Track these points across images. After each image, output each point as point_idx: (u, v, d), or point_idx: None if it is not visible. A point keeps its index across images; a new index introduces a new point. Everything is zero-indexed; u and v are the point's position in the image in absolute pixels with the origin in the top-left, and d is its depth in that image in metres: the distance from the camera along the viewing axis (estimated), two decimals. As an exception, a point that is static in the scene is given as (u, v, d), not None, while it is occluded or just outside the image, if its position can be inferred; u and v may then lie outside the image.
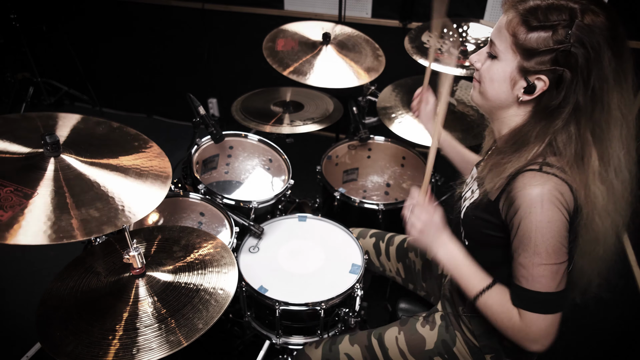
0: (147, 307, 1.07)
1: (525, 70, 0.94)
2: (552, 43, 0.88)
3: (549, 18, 0.88)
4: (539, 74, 0.93)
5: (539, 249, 0.92)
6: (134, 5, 3.36)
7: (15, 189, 0.98)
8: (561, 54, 0.88)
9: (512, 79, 0.97)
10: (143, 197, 1.09)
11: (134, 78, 3.78)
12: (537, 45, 0.90)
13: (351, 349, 1.33)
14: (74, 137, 1.19)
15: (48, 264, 2.36)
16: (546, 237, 0.92)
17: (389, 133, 2.07)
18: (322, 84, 1.97)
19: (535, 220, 0.91)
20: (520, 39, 0.92)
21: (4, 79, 3.73)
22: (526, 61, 0.93)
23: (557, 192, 0.91)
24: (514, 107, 1.02)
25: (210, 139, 1.83)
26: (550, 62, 0.90)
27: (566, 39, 0.87)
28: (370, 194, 2.16)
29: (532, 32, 0.90)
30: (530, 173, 0.94)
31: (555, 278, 0.94)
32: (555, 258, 0.93)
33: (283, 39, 2.14)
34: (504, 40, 0.95)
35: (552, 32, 0.88)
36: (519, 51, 0.94)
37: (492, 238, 1.06)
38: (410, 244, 1.53)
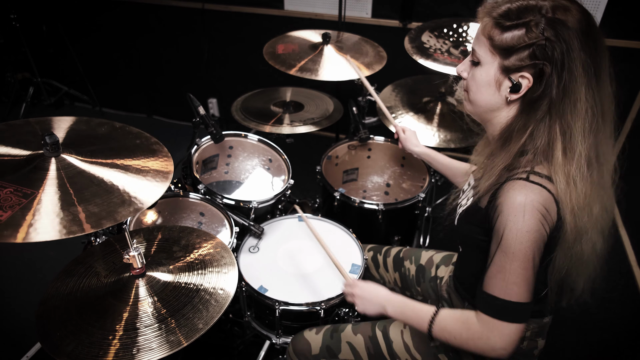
0: (147, 307, 1.07)
1: (507, 69, 0.97)
2: (527, 39, 0.92)
3: (521, 17, 0.92)
4: (521, 71, 0.95)
5: (515, 256, 0.95)
6: (134, 5, 3.36)
7: (15, 190, 0.98)
8: (537, 49, 0.92)
9: (497, 80, 1.00)
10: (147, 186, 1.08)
11: (134, 78, 3.78)
12: (512, 43, 0.94)
13: (354, 338, 1.32)
14: (75, 137, 1.19)
15: (48, 264, 2.36)
16: (523, 245, 0.94)
17: (389, 133, 2.07)
18: (334, 77, 1.97)
19: (515, 228, 0.94)
20: (497, 40, 0.96)
21: (4, 79, 3.73)
22: (505, 60, 0.96)
23: (541, 206, 0.93)
24: (504, 109, 1.04)
25: (210, 139, 1.83)
26: (529, 58, 0.93)
27: (540, 33, 0.90)
28: (370, 194, 2.16)
29: (507, 32, 0.94)
30: (518, 182, 0.95)
31: (527, 288, 0.97)
32: (528, 267, 0.95)
33: (282, 44, 2.15)
34: (482, 45, 0.99)
35: (525, 29, 0.92)
36: (497, 52, 0.97)
37: (484, 243, 1.07)
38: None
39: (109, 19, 3.55)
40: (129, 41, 3.59)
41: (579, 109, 0.92)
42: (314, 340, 1.34)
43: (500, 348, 0.99)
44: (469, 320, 1.04)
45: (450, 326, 1.07)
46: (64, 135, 1.19)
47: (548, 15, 0.90)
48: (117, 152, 1.16)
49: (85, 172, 1.06)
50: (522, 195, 0.93)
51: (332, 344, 1.32)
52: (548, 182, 0.95)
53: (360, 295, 1.24)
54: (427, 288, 1.50)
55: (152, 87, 3.77)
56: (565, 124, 0.94)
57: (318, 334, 1.36)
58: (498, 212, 0.97)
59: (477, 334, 1.01)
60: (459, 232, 1.19)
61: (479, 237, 1.08)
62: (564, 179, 0.94)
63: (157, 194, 1.07)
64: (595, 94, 0.93)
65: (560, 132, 0.94)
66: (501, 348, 0.99)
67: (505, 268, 0.96)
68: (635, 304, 2.25)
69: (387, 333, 1.31)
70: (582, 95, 0.92)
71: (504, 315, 0.98)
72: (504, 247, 0.96)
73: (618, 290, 2.30)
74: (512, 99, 1.00)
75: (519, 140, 0.98)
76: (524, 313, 0.98)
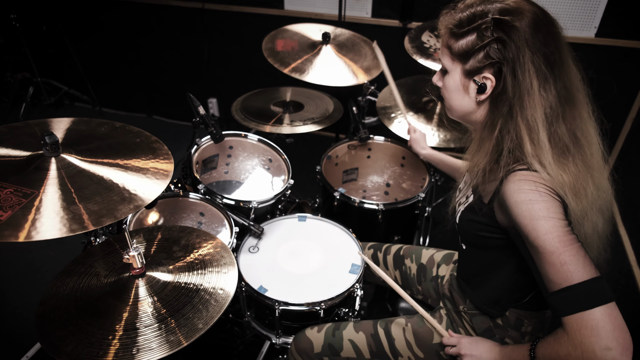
0: (147, 307, 1.07)
1: (469, 72, 1.03)
2: (480, 42, 0.98)
3: (471, 23, 0.99)
4: (482, 72, 1.01)
5: (547, 237, 0.89)
6: (135, 5, 3.36)
7: (15, 190, 0.98)
8: (490, 49, 0.97)
9: (463, 84, 1.06)
10: (147, 184, 1.09)
11: (134, 78, 3.78)
12: (467, 47, 1.01)
13: (356, 336, 1.32)
14: (74, 137, 1.19)
15: (48, 264, 2.36)
16: (552, 234, 0.89)
17: (389, 133, 2.07)
18: (324, 81, 1.98)
19: (534, 215, 0.91)
20: (454, 48, 1.03)
21: (4, 79, 3.73)
22: (465, 64, 1.03)
23: (548, 187, 0.94)
24: (477, 110, 1.08)
25: (210, 139, 1.83)
26: (484, 58, 0.99)
27: (490, 34, 0.96)
28: (370, 194, 2.16)
29: (461, 39, 1.02)
30: (519, 173, 0.96)
31: (580, 263, 0.87)
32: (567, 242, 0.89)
33: (282, 40, 2.14)
34: (445, 55, 1.07)
35: (477, 34, 0.99)
36: (457, 58, 1.04)
37: (488, 240, 1.08)
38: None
39: (109, 19, 3.55)
40: (129, 41, 3.59)
41: (534, 101, 0.96)
42: (316, 339, 1.35)
43: (602, 348, 0.82)
44: (558, 333, 0.92)
45: (549, 350, 0.94)
46: (64, 135, 1.19)
47: (495, 17, 0.96)
48: (117, 151, 1.16)
49: (85, 171, 1.06)
50: (527, 185, 0.94)
51: (334, 341, 1.32)
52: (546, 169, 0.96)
53: (470, 355, 1.14)
54: (428, 287, 1.50)
55: (152, 87, 3.77)
56: (526, 117, 0.97)
57: (320, 332, 1.36)
58: (514, 215, 0.94)
59: (570, 344, 0.87)
60: (461, 230, 1.19)
61: (482, 234, 1.08)
62: (541, 167, 0.96)
63: (157, 191, 1.07)
64: (552, 84, 0.96)
65: (524, 125, 0.97)
66: (604, 347, 0.82)
67: (553, 262, 0.89)
68: (635, 304, 2.25)
69: (389, 331, 1.31)
70: (534, 88, 0.95)
71: (578, 304, 0.86)
72: (540, 249, 0.91)
73: (618, 290, 2.30)
74: (481, 100, 1.04)
75: (490, 137, 1.03)
76: (599, 290, 0.85)
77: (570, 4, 2.55)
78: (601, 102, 1.09)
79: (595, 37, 2.61)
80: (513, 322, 1.18)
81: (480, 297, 1.20)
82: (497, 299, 1.17)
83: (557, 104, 0.97)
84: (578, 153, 1.00)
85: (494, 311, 1.19)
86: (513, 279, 1.11)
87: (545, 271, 0.91)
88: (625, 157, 2.79)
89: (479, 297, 1.21)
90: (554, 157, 0.97)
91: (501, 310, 1.18)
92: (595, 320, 0.84)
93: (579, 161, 0.99)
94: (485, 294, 1.19)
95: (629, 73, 2.66)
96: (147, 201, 1.04)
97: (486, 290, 1.19)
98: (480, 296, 1.21)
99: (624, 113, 2.77)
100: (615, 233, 2.62)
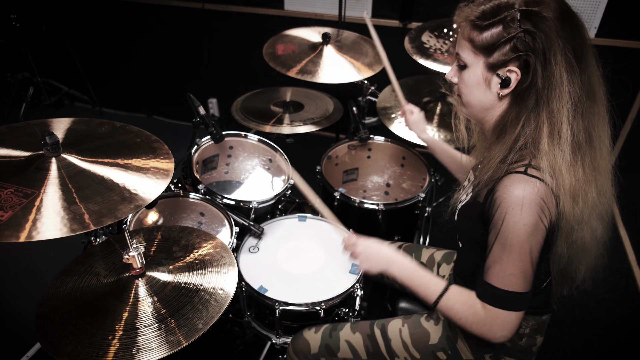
0: (146, 307, 1.07)
1: (492, 66, 1.00)
2: (506, 34, 0.95)
3: (496, 15, 0.96)
4: (507, 65, 0.98)
5: (513, 248, 0.96)
6: (134, 5, 3.36)
7: (15, 190, 0.98)
8: (518, 41, 0.94)
9: (485, 78, 1.02)
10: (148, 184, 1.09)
11: (134, 78, 3.78)
12: (492, 40, 0.97)
13: (352, 337, 1.32)
14: (75, 137, 1.19)
15: (48, 264, 2.36)
16: (521, 238, 0.95)
17: (389, 133, 2.07)
18: (333, 80, 1.97)
19: (512, 221, 0.95)
20: (477, 41, 0.99)
21: (4, 79, 3.73)
22: (489, 57, 0.99)
23: (539, 199, 0.94)
24: (497, 105, 1.06)
25: (210, 139, 1.83)
26: (511, 51, 0.96)
27: (517, 26, 0.94)
28: (370, 194, 2.16)
29: (485, 31, 0.98)
30: (515, 175, 0.96)
31: (524, 279, 0.99)
32: (526, 260, 0.97)
33: (282, 44, 2.15)
34: (465, 48, 1.03)
35: (502, 26, 0.95)
36: (479, 52, 1.00)
37: (483, 238, 1.08)
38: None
39: (109, 19, 3.55)
40: (129, 41, 3.59)
41: (562, 93, 0.94)
42: (313, 340, 1.35)
43: (501, 335, 1.04)
44: (476, 306, 1.06)
45: (457, 306, 1.09)
46: (64, 135, 1.19)
47: (522, 9, 0.93)
48: (118, 151, 1.17)
49: (85, 171, 1.06)
50: (520, 189, 0.94)
51: (331, 342, 1.32)
52: (548, 176, 0.95)
53: (364, 252, 1.23)
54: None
55: (152, 87, 3.77)
56: (551, 110, 0.96)
57: (317, 333, 1.36)
58: (496, 206, 0.98)
59: (481, 320, 1.04)
60: (458, 227, 1.19)
61: (477, 232, 1.09)
62: (550, 166, 0.95)
63: (158, 191, 1.07)
64: (578, 77, 0.95)
65: (547, 119, 0.96)
66: (502, 335, 1.04)
67: (503, 259, 0.99)
68: (635, 304, 2.25)
69: (386, 331, 1.31)
70: (564, 80, 0.93)
71: (504, 305, 1.01)
72: (501, 240, 0.98)
73: (618, 290, 2.30)
74: (503, 94, 1.02)
75: (513, 131, 1.00)
76: (522, 302, 1.01)
77: (570, 4, 2.54)
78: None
79: (595, 37, 2.61)
80: None
81: None
82: None
83: (580, 98, 0.95)
84: (589, 152, 0.99)
85: None
86: None
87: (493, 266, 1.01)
88: (625, 157, 2.79)
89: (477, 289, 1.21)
90: (562, 155, 0.95)
91: None
92: (510, 318, 1.02)
93: (587, 161, 0.99)
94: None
95: (629, 73, 2.66)
96: (148, 201, 1.04)
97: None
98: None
99: (624, 113, 2.77)
100: (615, 233, 2.62)
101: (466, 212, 1.13)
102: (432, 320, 1.31)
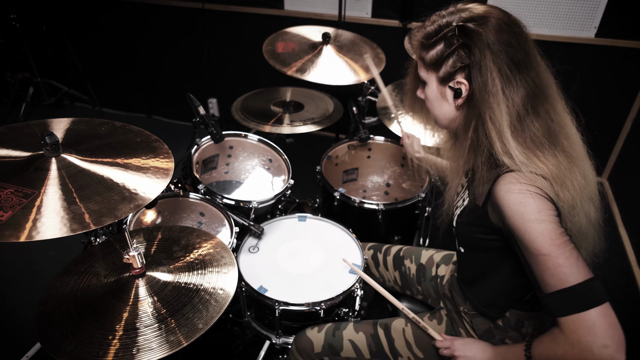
0: (147, 307, 1.07)
1: (443, 79, 1.08)
2: (448, 49, 1.03)
3: (437, 34, 1.05)
4: (454, 77, 1.05)
5: (548, 250, 0.90)
6: (134, 5, 3.36)
7: (15, 190, 0.98)
8: (458, 55, 1.02)
9: (440, 92, 1.10)
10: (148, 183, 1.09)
11: (134, 78, 3.78)
12: (437, 56, 1.06)
13: (355, 336, 1.33)
14: (74, 137, 1.19)
15: (48, 264, 2.36)
16: (546, 236, 0.91)
17: (389, 133, 2.07)
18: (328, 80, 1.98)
19: (526, 218, 0.92)
20: (426, 59, 1.09)
21: (4, 79, 3.73)
22: (438, 72, 1.08)
23: (535, 187, 0.94)
24: (458, 115, 1.11)
25: (210, 139, 1.83)
26: (454, 64, 1.04)
27: (456, 41, 1.02)
28: (370, 194, 2.16)
29: (431, 49, 1.07)
30: (509, 175, 0.97)
31: (574, 265, 0.89)
32: (561, 245, 0.90)
33: (282, 42, 2.15)
34: (420, 67, 1.13)
35: (444, 42, 1.04)
36: (430, 68, 1.09)
37: (485, 242, 1.08)
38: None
39: (109, 19, 3.55)
40: (129, 41, 3.59)
41: (500, 100, 0.98)
42: (316, 339, 1.35)
43: (599, 346, 0.85)
44: (554, 333, 0.94)
45: (545, 350, 0.97)
46: (64, 135, 1.19)
47: (459, 24, 1.01)
48: (118, 151, 1.16)
49: (85, 171, 1.06)
50: (517, 186, 0.95)
51: (334, 341, 1.33)
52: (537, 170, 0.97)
53: (464, 355, 1.15)
54: (427, 287, 1.50)
55: (152, 87, 3.77)
56: (492, 116, 0.99)
57: (320, 332, 1.36)
58: (502, 210, 0.96)
59: (567, 343, 0.89)
60: (458, 233, 1.20)
61: (479, 237, 1.09)
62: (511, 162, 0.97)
63: (158, 190, 1.07)
64: (519, 81, 0.98)
65: (492, 124, 0.99)
66: (601, 345, 0.85)
67: (547, 265, 0.91)
68: (635, 304, 2.25)
69: (389, 331, 1.31)
70: (498, 87, 0.97)
71: (575, 305, 0.88)
72: (534, 251, 0.92)
73: (618, 290, 2.30)
74: (459, 104, 1.08)
75: (466, 136, 1.06)
76: (594, 292, 0.88)
77: (570, 4, 2.55)
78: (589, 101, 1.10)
79: (595, 37, 2.61)
80: (513, 323, 1.18)
81: (479, 299, 1.21)
82: (495, 301, 1.18)
83: (526, 100, 0.99)
84: (557, 144, 1.01)
85: (492, 313, 1.19)
86: (512, 281, 1.12)
87: (540, 273, 0.92)
88: (625, 157, 2.79)
89: (477, 299, 1.21)
90: (524, 152, 0.98)
91: (499, 312, 1.18)
92: (591, 320, 0.86)
93: (559, 152, 1.00)
94: (483, 296, 1.20)
95: (629, 73, 2.66)
96: (148, 200, 1.04)
97: (485, 292, 1.19)
98: (478, 298, 1.21)
99: (624, 113, 2.77)
100: (615, 233, 2.62)
101: (465, 218, 1.13)
102: (435, 320, 1.32)
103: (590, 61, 2.69)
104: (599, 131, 2.44)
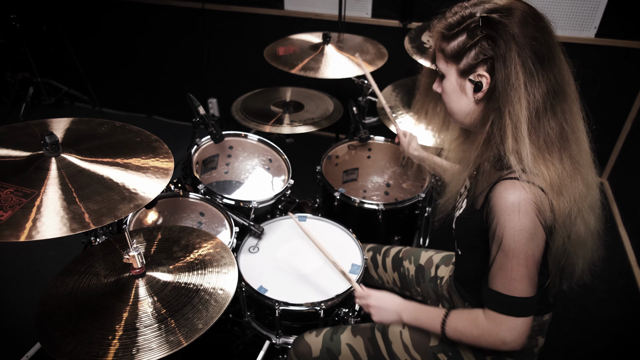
0: (147, 307, 1.07)
1: (463, 72, 1.05)
2: (471, 41, 1.01)
3: (460, 24, 1.02)
4: (475, 70, 1.02)
5: (514, 254, 0.98)
6: (134, 5, 3.36)
7: (15, 190, 0.98)
8: (482, 47, 1.00)
9: (460, 85, 1.07)
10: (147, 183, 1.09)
11: (134, 78, 3.78)
12: (459, 47, 1.03)
13: (353, 340, 1.33)
14: (74, 137, 1.19)
15: (48, 264, 2.36)
16: (521, 243, 0.97)
17: (389, 133, 2.07)
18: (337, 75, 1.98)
19: (510, 227, 0.97)
20: (447, 51, 1.06)
21: (4, 79, 3.73)
22: (459, 64, 1.05)
23: (534, 203, 0.95)
24: (477, 109, 1.08)
25: (210, 139, 1.83)
26: (477, 56, 1.01)
27: (480, 32, 0.99)
28: (370, 194, 2.16)
29: (452, 40, 1.04)
30: (509, 181, 0.98)
31: (529, 284, 1.00)
32: (529, 264, 0.98)
33: (283, 47, 2.16)
34: (439, 59, 1.10)
35: (467, 34, 1.01)
36: (450, 60, 1.06)
37: (483, 245, 1.09)
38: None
39: (109, 19, 3.55)
40: (129, 41, 3.59)
41: (521, 94, 0.96)
42: (314, 343, 1.35)
43: (511, 341, 1.03)
44: (478, 318, 1.07)
45: (461, 325, 1.11)
46: (64, 135, 1.19)
47: (483, 16, 0.98)
48: (117, 151, 1.16)
49: (85, 171, 1.06)
50: (515, 195, 0.96)
51: (332, 346, 1.33)
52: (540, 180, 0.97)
53: (376, 306, 1.26)
54: (427, 288, 1.50)
55: (152, 87, 3.77)
56: (511, 110, 0.97)
57: (318, 336, 1.36)
58: (493, 214, 0.99)
59: (486, 330, 1.05)
60: (457, 235, 1.20)
61: (477, 239, 1.09)
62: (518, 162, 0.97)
63: (157, 190, 1.07)
64: (542, 77, 0.97)
65: (509, 119, 0.98)
66: (512, 341, 1.03)
67: (506, 266, 1.00)
68: (635, 304, 2.25)
69: (387, 334, 1.31)
70: (521, 81, 0.95)
71: (509, 310, 1.02)
72: (503, 248, 0.99)
73: (618, 290, 2.30)
74: (478, 98, 1.05)
75: (483, 130, 1.05)
76: (529, 307, 1.02)
77: (570, 4, 2.55)
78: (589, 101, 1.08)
79: (595, 37, 2.61)
80: None
81: (477, 301, 1.21)
82: None
83: (546, 97, 0.97)
84: (566, 148, 1.01)
85: None
86: None
87: (496, 271, 1.02)
88: (625, 157, 2.79)
89: (475, 301, 1.21)
90: (534, 152, 0.98)
91: None
92: (516, 324, 1.02)
93: (566, 157, 1.00)
94: (480, 297, 1.20)
95: (629, 73, 2.66)
96: (147, 200, 1.04)
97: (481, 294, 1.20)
98: (476, 300, 1.21)
99: (624, 113, 2.77)
100: (615, 233, 2.62)
101: (465, 221, 1.14)
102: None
103: (590, 61, 2.69)
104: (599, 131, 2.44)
